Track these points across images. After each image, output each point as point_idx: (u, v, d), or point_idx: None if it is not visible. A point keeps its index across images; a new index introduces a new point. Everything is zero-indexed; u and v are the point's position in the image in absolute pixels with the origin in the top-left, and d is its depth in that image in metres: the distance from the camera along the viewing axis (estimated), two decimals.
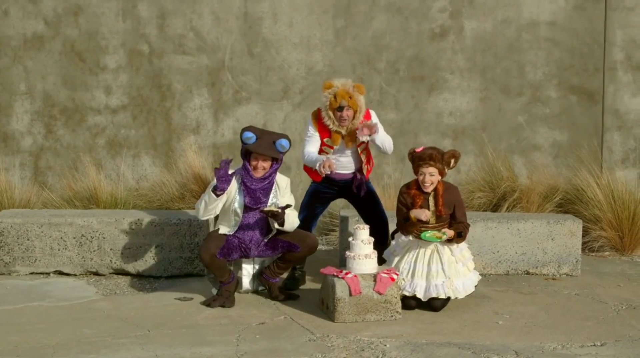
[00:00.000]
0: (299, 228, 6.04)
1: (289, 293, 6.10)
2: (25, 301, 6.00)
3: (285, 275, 6.31)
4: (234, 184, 5.89)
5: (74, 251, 6.69)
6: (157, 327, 5.42)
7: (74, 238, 6.68)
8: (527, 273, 6.84)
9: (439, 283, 5.73)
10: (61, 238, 6.68)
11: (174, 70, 8.49)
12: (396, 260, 5.88)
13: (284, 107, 8.51)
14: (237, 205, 5.90)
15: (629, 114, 8.57)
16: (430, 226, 5.76)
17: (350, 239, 5.77)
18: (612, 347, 5.13)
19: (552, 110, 8.57)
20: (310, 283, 6.42)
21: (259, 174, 5.86)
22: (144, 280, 6.63)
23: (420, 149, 5.85)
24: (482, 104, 8.57)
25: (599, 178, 7.69)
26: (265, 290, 6.13)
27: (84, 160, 8.38)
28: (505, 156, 8.33)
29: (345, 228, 6.90)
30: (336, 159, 6.18)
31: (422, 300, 5.77)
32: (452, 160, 5.84)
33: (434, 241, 5.72)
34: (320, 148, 6.23)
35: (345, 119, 6.11)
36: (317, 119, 6.23)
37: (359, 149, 6.23)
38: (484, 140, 8.47)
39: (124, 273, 6.72)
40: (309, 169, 6.35)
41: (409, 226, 5.79)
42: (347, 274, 5.61)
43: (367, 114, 6.25)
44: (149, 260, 6.68)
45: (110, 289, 6.38)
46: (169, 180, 8.03)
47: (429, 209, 5.78)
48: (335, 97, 6.10)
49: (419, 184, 5.83)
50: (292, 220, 5.90)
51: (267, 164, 5.86)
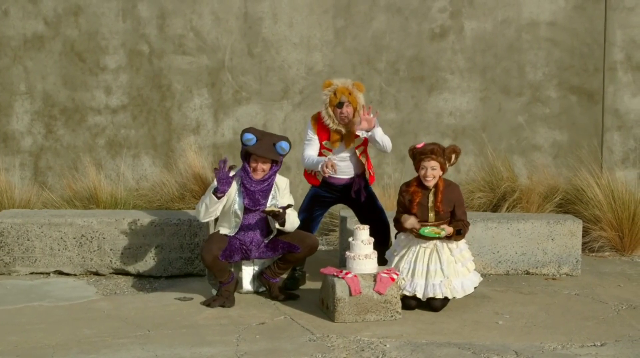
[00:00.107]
0: (299, 229, 6.05)
1: (289, 293, 6.10)
2: (25, 302, 6.00)
3: (285, 275, 6.31)
4: (234, 186, 5.88)
5: (74, 252, 6.68)
6: (157, 327, 5.42)
7: (74, 238, 6.68)
8: (527, 273, 6.84)
9: (436, 282, 5.73)
10: (61, 238, 6.68)
11: (174, 70, 8.49)
12: (396, 259, 5.87)
13: (284, 108, 8.51)
14: (237, 207, 5.90)
15: (629, 114, 8.57)
16: (429, 224, 5.76)
17: (350, 239, 5.77)
18: (612, 347, 5.12)
19: (552, 110, 8.57)
20: (310, 283, 6.42)
21: (259, 176, 5.86)
22: (144, 280, 6.63)
23: (421, 145, 5.86)
24: (482, 104, 8.57)
25: (599, 178, 7.69)
26: (265, 291, 6.13)
27: (84, 160, 8.38)
28: (505, 156, 8.32)
29: (345, 228, 6.90)
30: (336, 163, 6.17)
31: (422, 299, 5.77)
32: (453, 155, 5.85)
33: (433, 237, 5.72)
34: (319, 151, 6.23)
35: (345, 117, 6.12)
36: (316, 121, 6.23)
37: (358, 151, 6.22)
38: (484, 140, 8.47)
39: (124, 273, 6.72)
40: (308, 175, 6.35)
41: (403, 226, 5.82)
42: (347, 274, 5.61)
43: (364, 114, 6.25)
44: (149, 260, 6.68)
45: (110, 289, 6.38)
46: (169, 180, 8.03)
47: (427, 205, 5.79)
48: (335, 93, 6.11)
49: (419, 181, 5.83)
50: (292, 220, 5.90)
51: (266, 167, 5.86)
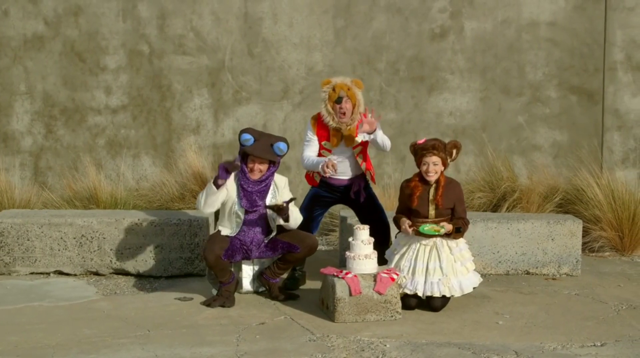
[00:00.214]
0: (299, 229, 6.06)
1: (289, 293, 6.10)
2: (25, 302, 6.00)
3: (285, 275, 6.31)
4: (234, 187, 5.88)
5: (74, 252, 6.68)
6: (157, 327, 5.41)
7: (74, 238, 6.68)
8: (527, 273, 6.84)
9: (435, 280, 5.74)
10: (61, 238, 6.68)
11: (174, 70, 8.49)
12: (397, 258, 5.88)
13: (284, 108, 8.51)
14: (237, 207, 5.90)
15: (629, 114, 8.57)
16: (429, 221, 5.77)
17: (350, 239, 5.77)
18: (612, 347, 5.12)
19: (552, 110, 8.57)
20: (310, 283, 6.42)
21: (256, 176, 5.85)
22: (144, 280, 6.63)
23: (422, 140, 5.89)
24: (482, 105, 8.57)
25: (599, 178, 7.68)
26: (265, 291, 6.13)
27: (84, 160, 8.38)
28: (505, 156, 8.32)
29: (345, 228, 6.89)
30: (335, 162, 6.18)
31: (422, 298, 5.77)
32: (454, 150, 5.88)
33: (432, 234, 5.73)
34: (319, 151, 6.23)
35: (344, 113, 6.11)
36: (316, 122, 6.23)
37: (355, 151, 6.22)
38: (484, 140, 8.47)
39: (124, 273, 6.72)
40: (308, 176, 6.36)
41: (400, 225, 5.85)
42: (347, 274, 5.61)
43: (365, 114, 6.24)
44: (149, 260, 6.68)
45: (110, 289, 6.38)
46: (169, 180, 8.03)
47: (427, 203, 5.81)
48: (334, 89, 6.12)
49: (420, 177, 5.86)
50: (295, 216, 5.91)
51: (263, 167, 5.85)
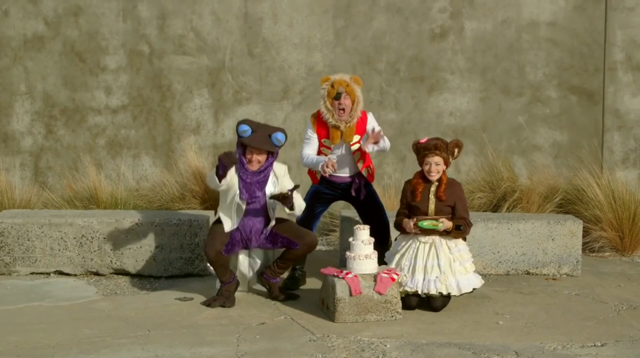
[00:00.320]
0: (300, 225, 6.06)
1: (289, 293, 6.10)
2: (25, 302, 6.00)
3: (285, 275, 6.31)
4: (235, 177, 5.87)
5: (74, 252, 6.68)
6: (157, 327, 5.42)
7: (74, 238, 6.68)
8: (528, 273, 6.84)
9: (432, 278, 5.75)
10: (61, 238, 6.68)
11: (174, 70, 8.49)
12: (397, 257, 5.89)
13: (284, 108, 8.51)
14: (238, 199, 5.89)
15: (629, 115, 8.57)
16: (428, 218, 5.79)
17: (350, 239, 5.77)
18: (613, 347, 5.12)
19: (552, 110, 8.57)
20: (310, 283, 6.42)
21: (254, 167, 5.84)
22: (144, 280, 6.63)
23: (424, 140, 5.90)
24: (482, 105, 8.57)
25: (599, 178, 7.68)
26: (265, 286, 6.10)
27: (84, 160, 8.38)
28: (505, 157, 8.32)
29: (345, 228, 6.89)
30: (335, 161, 6.17)
31: (421, 295, 5.77)
32: (456, 149, 5.90)
33: (430, 229, 5.74)
34: (318, 149, 6.23)
35: (343, 109, 6.11)
36: (316, 119, 6.23)
37: (353, 148, 6.22)
38: (484, 140, 8.47)
39: (124, 273, 6.72)
40: (310, 172, 6.37)
41: (402, 226, 5.86)
42: (347, 274, 5.61)
43: (364, 115, 6.24)
44: (149, 260, 6.68)
45: (110, 289, 6.38)
46: (169, 180, 8.03)
47: (428, 199, 5.82)
48: (332, 86, 6.12)
49: (422, 175, 5.90)
50: (299, 203, 5.91)
51: (262, 158, 5.84)
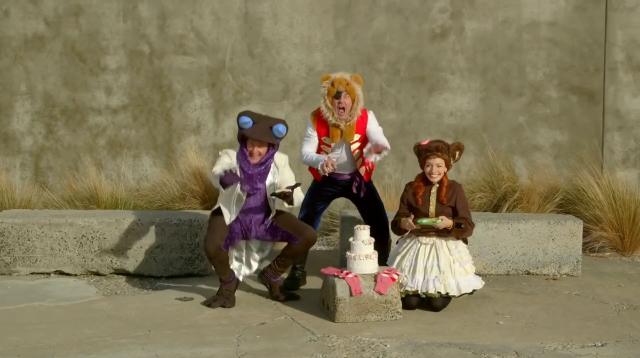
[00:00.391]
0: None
1: (290, 293, 6.10)
2: (25, 302, 6.00)
3: (285, 275, 6.31)
4: (236, 169, 5.85)
5: (74, 252, 6.68)
6: (157, 327, 5.42)
7: (75, 238, 6.68)
8: (528, 273, 6.84)
9: (431, 278, 5.76)
10: (62, 238, 6.68)
11: (174, 70, 8.49)
12: (398, 258, 5.90)
13: (284, 108, 8.51)
14: (239, 190, 5.87)
15: (629, 115, 8.57)
16: (428, 218, 5.81)
17: (350, 239, 5.77)
18: (613, 347, 5.12)
19: (553, 110, 8.57)
20: (310, 283, 6.42)
21: (255, 160, 5.83)
22: (145, 280, 6.63)
23: (426, 142, 5.92)
24: (483, 105, 8.57)
25: (599, 178, 7.68)
26: (267, 285, 6.09)
27: (84, 160, 8.38)
28: (505, 157, 8.32)
29: (346, 228, 6.89)
30: (335, 160, 6.17)
31: (421, 295, 5.78)
32: (457, 152, 5.93)
33: (429, 226, 5.75)
34: (318, 147, 6.23)
35: (343, 109, 6.10)
36: (316, 117, 6.23)
37: (353, 147, 6.22)
38: (485, 140, 8.47)
39: (125, 273, 6.72)
40: (311, 168, 6.36)
41: (399, 226, 5.86)
42: (347, 274, 5.61)
43: (364, 113, 6.24)
44: (149, 260, 6.68)
45: (110, 289, 6.38)
46: (170, 180, 8.03)
47: (429, 201, 5.83)
48: (332, 84, 6.12)
49: (423, 178, 5.91)
50: (299, 196, 5.92)
51: (263, 150, 5.84)
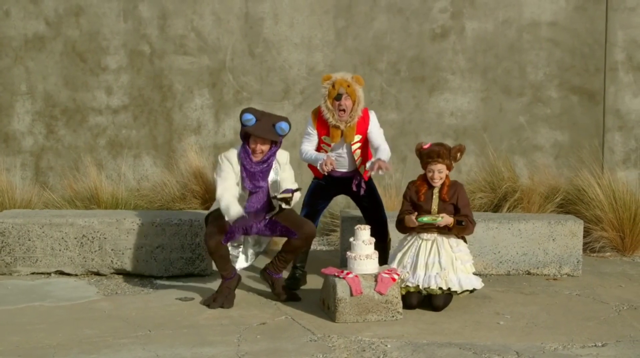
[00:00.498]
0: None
1: (291, 293, 6.09)
2: (26, 302, 6.00)
3: (286, 275, 6.31)
4: (238, 168, 5.85)
5: (75, 252, 6.68)
6: (158, 327, 5.42)
7: (75, 238, 6.68)
8: (528, 273, 6.84)
9: (433, 274, 5.76)
10: (62, 238, 6.68)
11: (175, 70, 8.49)
12: (399, 256, 5.90)
13: (285, 108, 8.51)
14: (240, 189, 5.86)
15: (630, 115, 8.57)
16: (430, 215, 5.81)
17: (351, 239, 5.77)
18: (614, 347, 5.12)
19: (553, 110, 8.57)
20: (311, 283, 6.42)
21: (258, 157, 5.82)
22: (145, 280, 6.63)
23: (427, 146, 5.89)
24: (483, 105, 8.57)
25: (600, 178, 7.68)
26: (268, 282, 6.09)
27: (85, 160, 8.38)
28: (506, 157, 8.32)
29: (346, 228, 6.90)
30: (335, 158, 6.17)
31: (422, 292, 5.78)
32: (459, 154, 5.92)
33: (430, 223, 5.75)
34: (318, 145, 6.23)
35: (343, 110, 6.10)
36: (316, 116, 6.23)
37: (354, 147, 6.22)
38: (485, 140, 8.47)
39: (125, 273, 6.72)
40: (312, 165, 6.36)
41: (404, 224, 5.86)
42: (348, 274, 5.61)
43: (365, 113, 6.24)
44: (150, 260, 6.68)
45: (111, 289, 6.38)
46: (170, 180, 8.03)
47: (431, 199, 5.86)
48: (333, 86, 6.10)
49: (426, 178, 5.93)
50: (298, 198, 5.90)
51: (265, 147, 5.82)
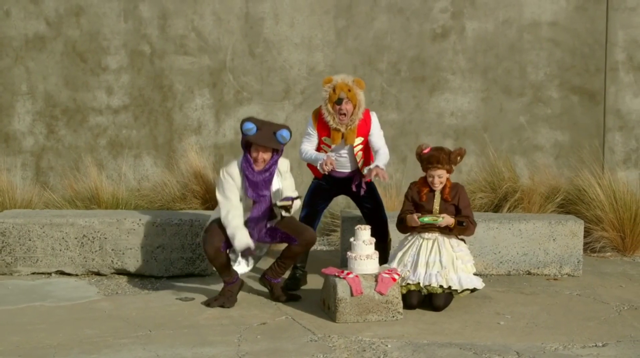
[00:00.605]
0: (302, 222, 6.08)
1: (290, 294, 6.09)
2: (26, 302, 6.00)
3: (286, 275, 6.31)
4: (239, 179, 5.84)
5: (75, 252, 6.69)
6: (158, 327, 5.42)
7: (76, 238, 6.68)
8: (529, 273, 6.84)
9: (434, 272, 5.77)
10: (63, 238, 6.68)
11: (175, 70, 8.49)
12: (400, 254, 5.90)
13: (285, 108, 8.51)
14: (243, 198, 5.86)
15: (630, 115, 8.57)
16: (431, 215, 5.81)
17: (351, 239, 5.77)
18: (614, 347, 5.12)
19: (554, 110, 8.57)
20: (311, 283, 6.42)
21: (260, 166, 5.82)
22: (146, 280, 6.63)
23: (427, 150, 5.88)
24: (484, 105, 8.57)
25: (600, 178, 7.68)
26: (267, 287, 6.10)
27: (85, 160, 8.39)
28: (506, 157, 8.32)
29: (346, 228, 6.90)
30: (335, 158, 6.18)
31: (422, 290, 5.78)
32: (459, 158, 5.92)
33: (431, 223, 5.75)
34: (318, 146, 6.23)
35: (344, 114, 6.09)
36: (317, 117, 6.22)
37: (355, 149, 6.23)
38: (486, 140, 8.47)
39: (126, 273, 6.72)
40: (311, 165, 6.36)
41: (405, 224, 5.86)
42: (348, 274, 5.61)
43: (367, 114, 6.24)
44: (150, 260, 6.68)
45: (111, 289, 6.38)
46: (171, 180, 8.03)
47: (433, 199, 5.87)
48: (334, 90, 6.10)
49: (426, 181, 5.93)
50: (296, 206, 5.93)
51: (267, 156, 5.82)
